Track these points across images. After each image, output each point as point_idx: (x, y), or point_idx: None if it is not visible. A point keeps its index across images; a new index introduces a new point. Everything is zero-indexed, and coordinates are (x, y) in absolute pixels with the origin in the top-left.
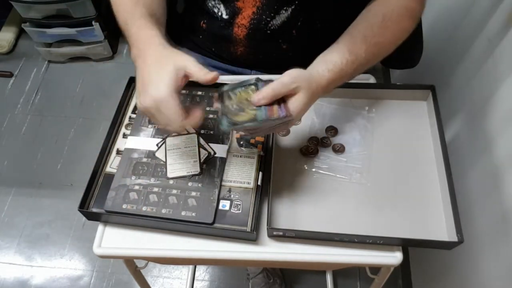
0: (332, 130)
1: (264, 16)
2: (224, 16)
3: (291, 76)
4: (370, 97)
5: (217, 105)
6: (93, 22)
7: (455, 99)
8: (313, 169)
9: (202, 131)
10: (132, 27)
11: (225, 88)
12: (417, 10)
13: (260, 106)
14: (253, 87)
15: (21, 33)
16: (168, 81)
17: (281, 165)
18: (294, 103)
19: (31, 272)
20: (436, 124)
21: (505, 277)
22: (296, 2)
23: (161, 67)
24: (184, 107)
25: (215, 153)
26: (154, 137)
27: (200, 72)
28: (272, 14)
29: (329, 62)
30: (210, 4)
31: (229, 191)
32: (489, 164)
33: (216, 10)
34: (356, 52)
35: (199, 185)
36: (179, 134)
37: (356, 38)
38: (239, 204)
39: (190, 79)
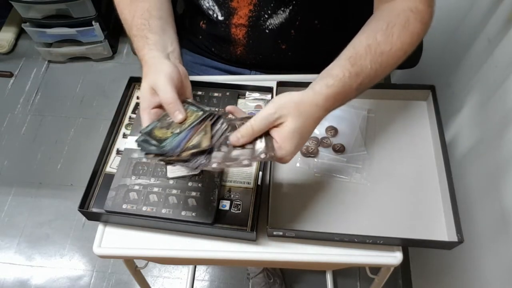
0: (332, 130)
1: (262, 13)
2: (220, 18)
3: (273, 106)
4: (370, 97)
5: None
6: (93, 22)
7: (455, 99)
8: (313, 169)
9: None
10: (134, 43)
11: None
12: (425, 13)
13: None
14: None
15: (21, 33)
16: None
17: (281, 165)
18: (277, 136)
19: (31, 272)
20: (436, 124)
21: (505, 276)
22: (294, 2)
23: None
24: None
25: None
26: None
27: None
28: (269, 12)
29: (329, 77)
30: (205, 6)
31: (229, 191)
32: (489, 164)
33: (211, 12)
34: (360, 64)
35: (199, 185)
36: None
37: (359, 48)
38: (239, 204)
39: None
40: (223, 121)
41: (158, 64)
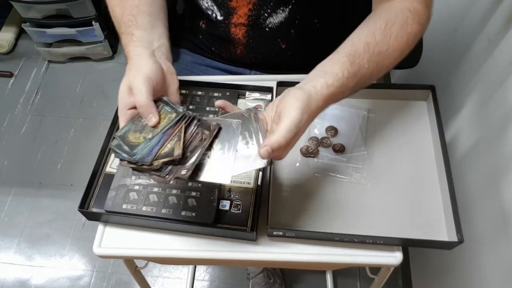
0: (332, 130)
1: (262, 11)
2: (219, 17)
3: (301, 109)
4: (370, 97)
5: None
6: (93, 22)
7: (455, 99)
8: (313, 169)
9: None
10: (121, 40)
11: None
12: (423, 13)
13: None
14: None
15: (21, 33)
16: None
17: (281, 165)
18: (280, 132)
19: (31, 272)
20: (436, 124)
21: (505, 276)
22: (293, 1)
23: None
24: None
25: None
26: None
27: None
28: (269, 11)
29: (329, 75)
30: (204, 7)
31: (229, 191)
32: (489, 164)
33: (210, 12)
34: (358, 62)
35: (199, 185)
36: None
37: (358, 46)
38: (239, 204)
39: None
40: (195, 124)
41: (140, 62)
